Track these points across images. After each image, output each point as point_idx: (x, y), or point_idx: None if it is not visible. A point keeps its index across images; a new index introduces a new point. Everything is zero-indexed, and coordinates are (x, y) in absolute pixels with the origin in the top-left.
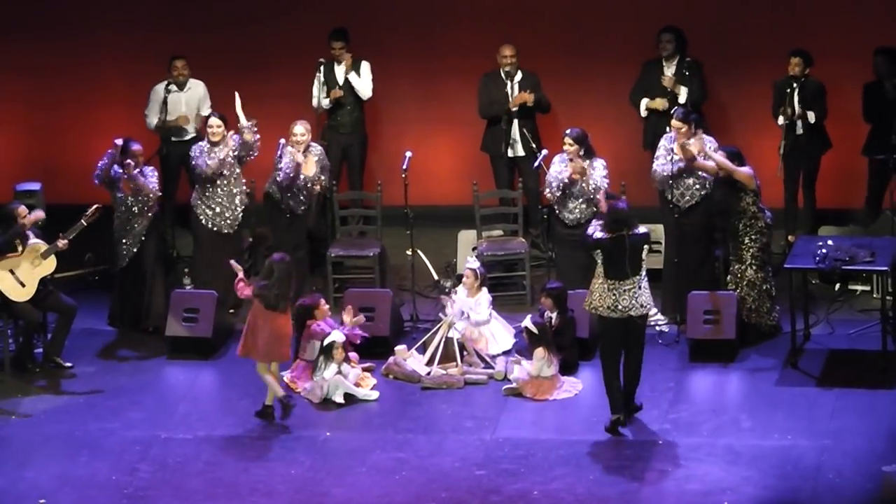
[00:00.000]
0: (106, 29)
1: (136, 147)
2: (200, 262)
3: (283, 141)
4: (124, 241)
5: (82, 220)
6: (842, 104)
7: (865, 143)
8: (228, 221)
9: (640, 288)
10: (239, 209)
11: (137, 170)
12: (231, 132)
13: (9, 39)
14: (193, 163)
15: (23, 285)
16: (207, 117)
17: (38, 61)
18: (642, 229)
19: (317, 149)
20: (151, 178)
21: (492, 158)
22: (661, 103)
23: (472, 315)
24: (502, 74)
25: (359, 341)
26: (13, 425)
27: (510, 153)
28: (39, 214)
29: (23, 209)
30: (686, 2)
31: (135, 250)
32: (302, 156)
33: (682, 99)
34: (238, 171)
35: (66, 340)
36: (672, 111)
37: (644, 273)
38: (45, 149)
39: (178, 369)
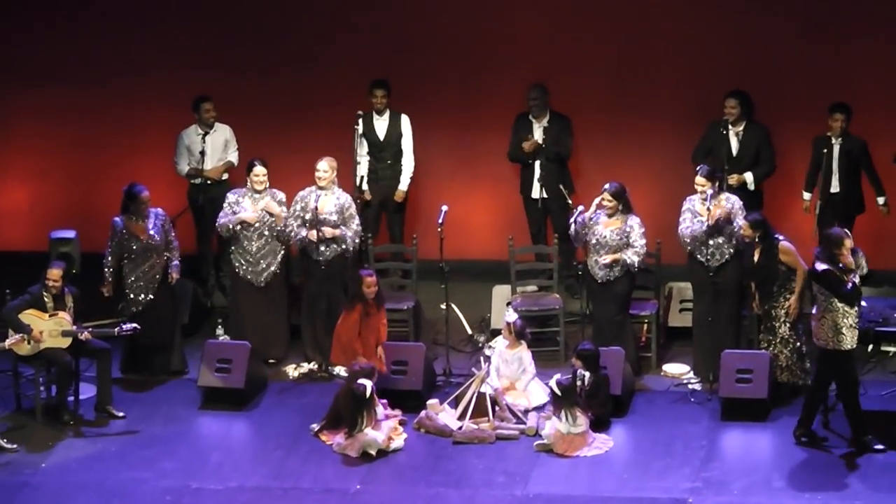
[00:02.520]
0: (142, 76)
1: (144, 194)
2: (235, 312)
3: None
4: (136, 289)
5: (115, 331)
6: (878, 163)
7: None
8: (263, 274)
9: None
10: (274, 263)
11: (146, 217)
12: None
13: (45, 86)
14: (220, 217)
15: (28, 343)
16: (251, 165)
17: (74, 108)
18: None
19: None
20: (159, 224)
21: (524, 200)
22: (738, 180)
23: (515, 368)
24: (529, 117)
25: (384, 369)
26: (44, 473)
27: (534, 195)
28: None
29: (56, 271)
30: (709, 59)
31: (150, 297)
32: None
33: (749, 182)
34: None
35: (111, 386)
36: (697, 168)
37: None
38: (80, 196)
39: (210, 419)
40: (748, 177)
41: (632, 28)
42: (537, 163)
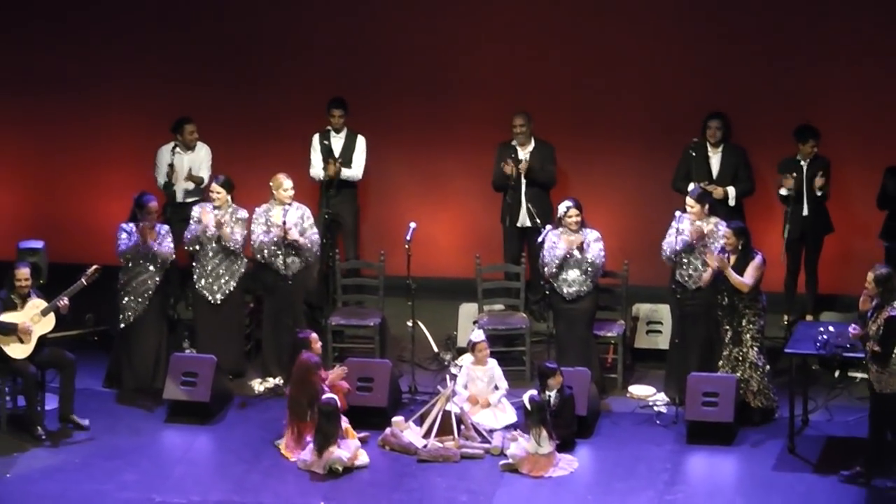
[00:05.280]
0: (111, 89)
1: (152, 203)
2: (199, 326)
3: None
4: (128, 300)
5: (82, 280)
6: (842, 187)
7: (884, 227)
8: (219, 291)
9: None
10: (231, 279)
11: (153, 228)
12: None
13: (15, 97)
14: (186, 232)
15: (22, 342)
16: (210, 181)
17: (44, 120)
18: None
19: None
20: (167, 239)
21: (504, 228)
22: (720, 193)
23: (485, 385)
24: (514, 143)
25: (346, 388)
26: (7, 483)
27: (519, 223)
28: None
29: (24, 271)
30: (676, 82)
31: (140, 311)
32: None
33: (731, 197)
34: (235, 240)
35: (74, 397)
36: (689, 190)
37: None
38: (48, 207)
39: (174, 432)
40: (730, 191)
41: (598, 50)
42: (523, 193)
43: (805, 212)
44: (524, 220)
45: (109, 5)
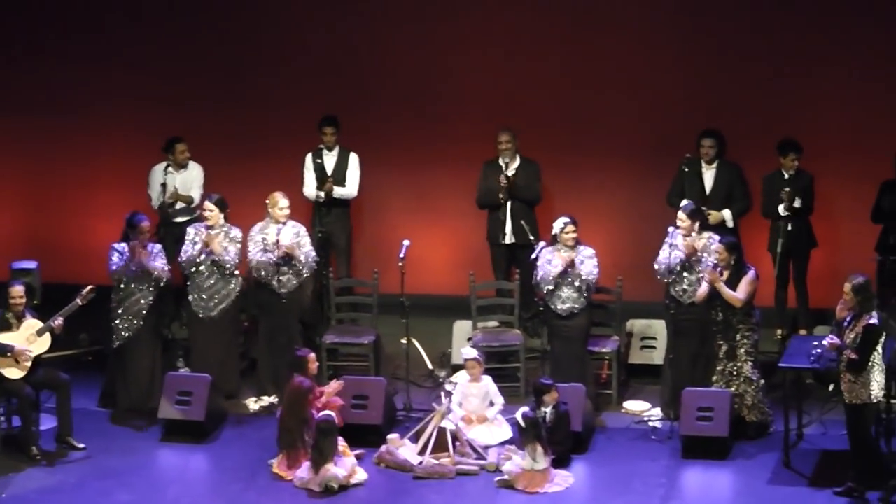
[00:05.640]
0: (104, 109)
1: (144, 223)
2: (193, 345)
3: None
4: (121, 320)
5: (77, 300)
6: (835, 201)
7: (879, 241)
8: (214, 310)
9: None
10: (226, 298)
11: (145, 247)
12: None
13: (7, 117)
14: (181, 252)
15: (17, 361)
16: (202, 200)
17: (36, 140)
18: None
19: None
20: (160, 258)
21: (491, 247)
22: (717, 217)
23: (480, 402)
24: (500, 160)
25: (340, 402)
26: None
27: (504, 241)
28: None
29: (18, 289)
30: (676, 100)
31: (134, 330)
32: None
33: (728, 219)
34: (229, 259)
35: (71, 417)
36: (682, 205)
37: None
38: (42, 228)
39: (169, 452)
40: (726, 214)
41: (588, 65)
42: (508, 209)
43: (789, 227)
44: (510, 237)
45: (102, 26)
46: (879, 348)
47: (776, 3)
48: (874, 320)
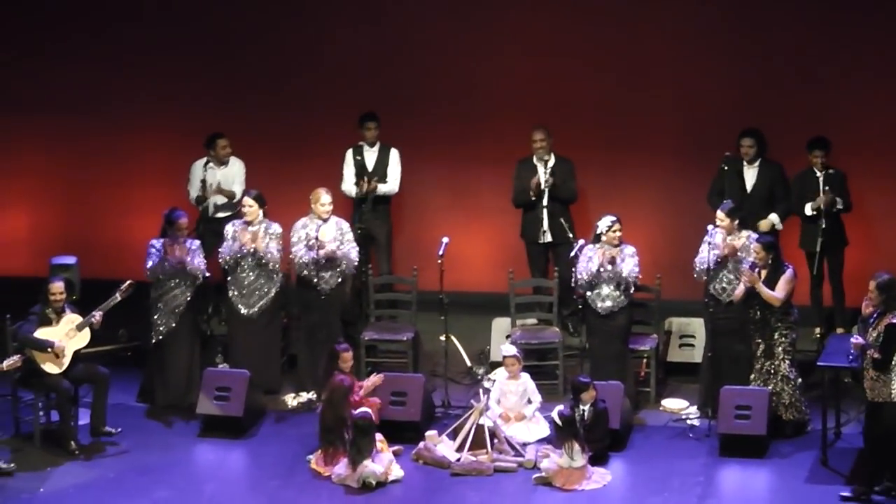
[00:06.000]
0: (144, 106)
1: (182, 219)
2: (233, 341)
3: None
4: (159, 315)
5: (116, 295)
6: (860, 199)
7: None
8: (255, 306)
9: None
10: (266, 295)
11: (183, 244)
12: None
13: (47, 115)
14: (221, 249)
15: (57, 356)
16: (243, 195)
17: (77, 137)
18: None
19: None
20: (198, 255)
21: (527, 245)
22: (766, 224)
23: (518, 399)
24: (534, 160)
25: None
26: (41, 499)
27: (542, 240)
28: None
29: (58, 284)
30: (708, 95)
31: (172, 326)
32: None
33: (776, 223)
34: (271, 255)
35: (106, 411)
36: (721, 205)
37: None
38: (81, 224)
39: (207, 448)
40: (773, 218)
41: (628, 62)
42: (544, 209)
43: (823, 224)
44: (548, 235)
45: (142, 24)
46: None
47: (818, 2)
48: None
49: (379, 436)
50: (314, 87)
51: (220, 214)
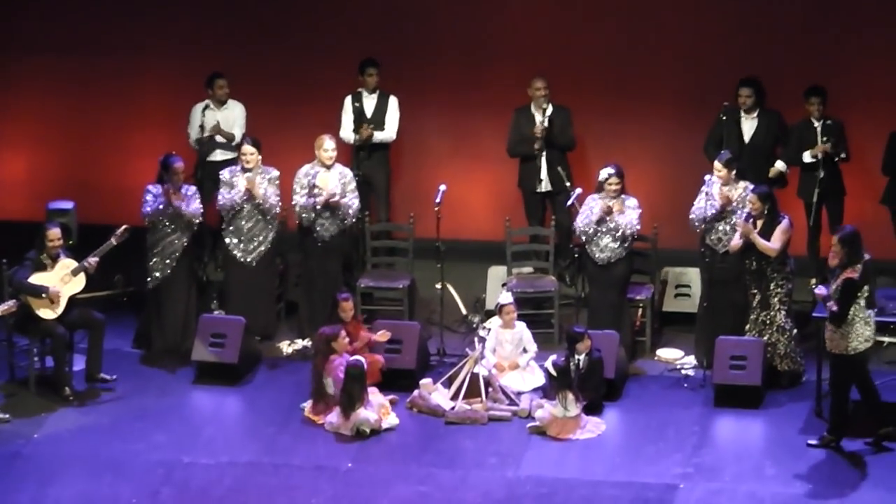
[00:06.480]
0: (144, 51)
1: (178, 164)
2: (229, 288)
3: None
4: (156, 261)
5: (112, 240)
6: (859, 150)
7: (885, 192)
8: (253, 252)
9: None
10: (265, 241)
11: (179, 189)
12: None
13: (44, 57)
14: (219, 196)
15: (52, 302)
16: (241, 143)
17: (73, 80)
18: None
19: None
20: (194, 200)
21: (524, 194)
22: (775, 172)
23: (513, 348)
24: (532, 108)
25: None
26: (37, 444)
27: (539, 189)
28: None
29: (55, 231)
30: (710, 44)
31: (168, 272)
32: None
33: (783, 168)
34: (270, 202)
35: (102, 357)
36: (719, 155)
37: None
38: (79, 168)
39: (203, 394)
40: (780, 165)
41: (630, 10)
42: (543, 158)
43: (821, 174)
44: (546, 184)
45: None
46: (862, 301)
47: None
48: (855, 274)
49: (373, 389)
50: (314, 33)
51: (219, 157)
